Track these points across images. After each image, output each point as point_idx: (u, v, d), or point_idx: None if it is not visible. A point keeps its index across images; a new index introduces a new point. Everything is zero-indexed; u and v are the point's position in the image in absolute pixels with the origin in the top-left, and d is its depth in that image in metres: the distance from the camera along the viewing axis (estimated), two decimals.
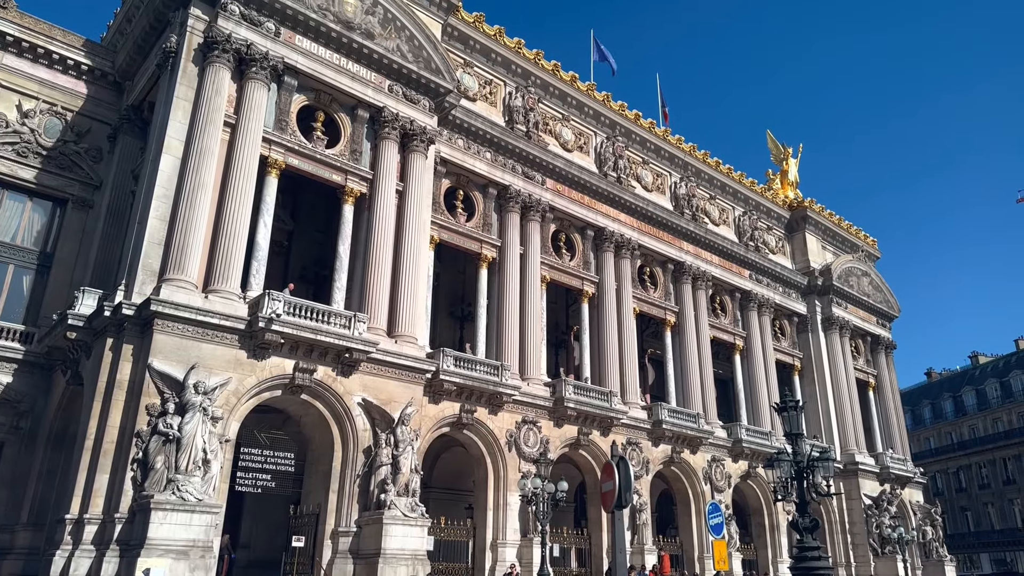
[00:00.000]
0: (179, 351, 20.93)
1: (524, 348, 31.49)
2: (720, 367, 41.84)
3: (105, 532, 19.29)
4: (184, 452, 19.57)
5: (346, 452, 24.18)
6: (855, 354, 48.17)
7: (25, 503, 23.93)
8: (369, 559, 22.52)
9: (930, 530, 45.16)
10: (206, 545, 19.40)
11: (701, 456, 36.50)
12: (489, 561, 27.94)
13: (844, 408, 44.77)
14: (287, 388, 23.31)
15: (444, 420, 28.19)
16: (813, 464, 17.42)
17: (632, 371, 35.57)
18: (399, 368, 25.51)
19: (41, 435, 24.74)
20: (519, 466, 29.23)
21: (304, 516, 24.22)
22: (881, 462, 44.82)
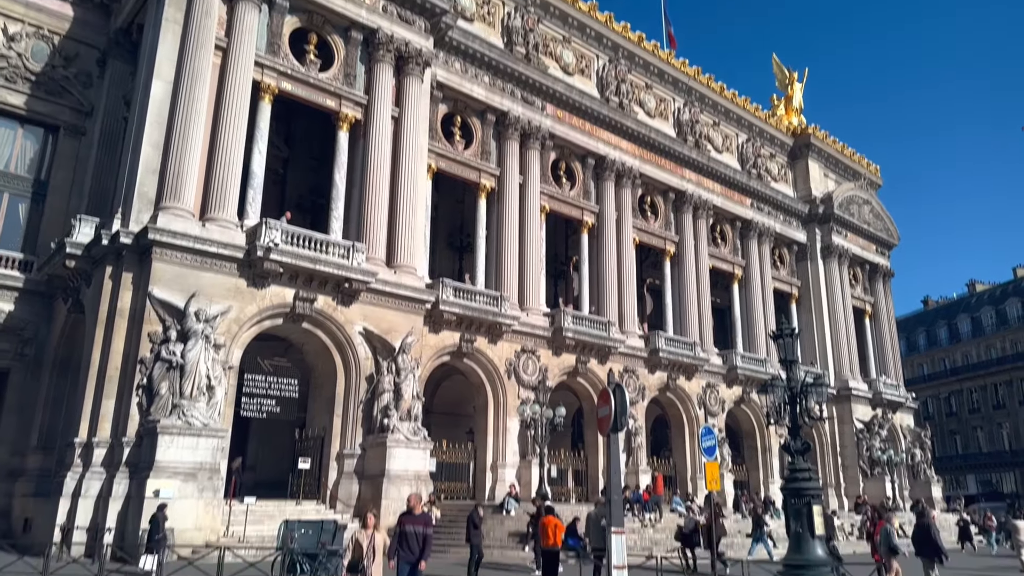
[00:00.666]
0: (179, 279, 21.02)
1: (523, 279, 31.59)
2: (718, 296, 42.09)
3: (114, 455, 19.82)
4: (188, 378, 19.94)
5: (348, 379, 24.61)
6: (853, 282, 48.43)
7: (34, 428, 24.50)
8: (374, 479, 23.23)
9: (919, 452, 46.42)
10: (213, 467, 19.97)
11: (696, 382, 37.16)
12: (489, 481, 28.82)
13: (840, 336, 45.31)
14: (288, 317, 23.53)
15: (444, 349, 28.56)
16: (807, 390, 17.69)
17: (630, 301, 35.80)
18: (399, 298, 25.66)
19: (46, 362, 25.11)
20: (518, 393, 29.78)
21: (309, 440, 24.87)
22: (874, 388, 45.68)
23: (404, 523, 10.10)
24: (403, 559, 9.81)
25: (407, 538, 9.90)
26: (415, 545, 9.86)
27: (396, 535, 10.03)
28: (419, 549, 9.84)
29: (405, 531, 9.95)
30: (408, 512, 10.26)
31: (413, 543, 9.86)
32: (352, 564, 9.96)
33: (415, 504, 10.38)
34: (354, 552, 9.99)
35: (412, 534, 9.90)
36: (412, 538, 9.88)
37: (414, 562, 9.80)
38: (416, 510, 10.25)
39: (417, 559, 9.79)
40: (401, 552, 9.84)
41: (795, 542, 16.74)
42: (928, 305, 78.11)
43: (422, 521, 10.12)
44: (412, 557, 9.82)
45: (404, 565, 9.79)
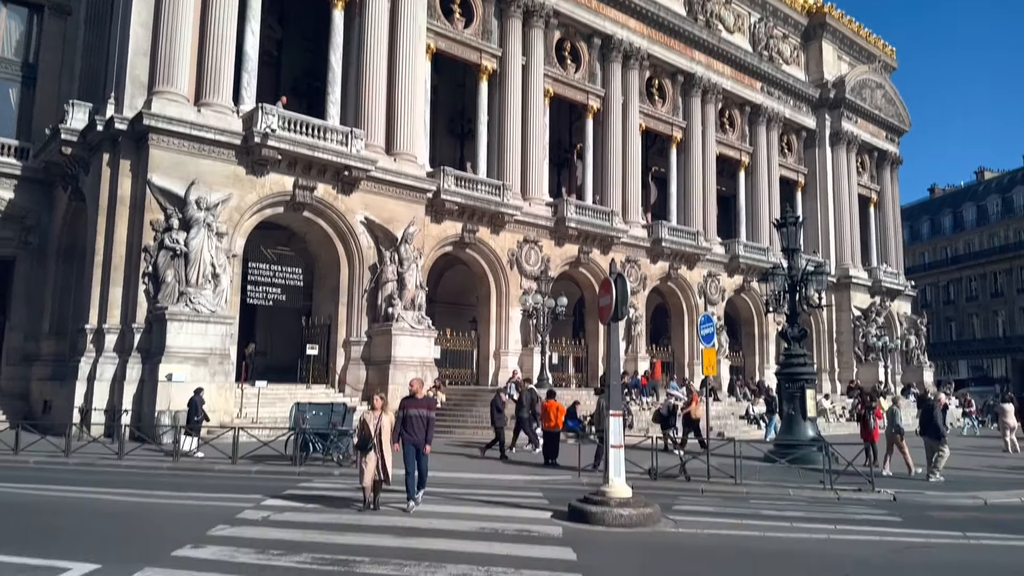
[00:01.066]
0: (177, 167, 20.76)
1: (526, 167, 31.11)
2: (723, 184, 41.57)
3: (125, 341, 20.28)
4: (193, 266, 20.09)
5: (352, 269, 24.78)
6: (860, 170, 47.74)
7: (45, 314, 24.94)
8: (380, 365, 23.86)
9: (913, 339, 47.31)
10: (223, 353, 20.46)
11: (698, 272, 37.38)
12: (492, 368, 29.60)
13: (843, 224, 45.14)
14: (288, 205, 23.39)
15: (446, 239, 28.54)
16: (807, 278, 17.87)
17: (635, 190, 35.42)
18: (399, 187, 25.39)
19: (50, 250, 25.22)
20: (520, 283, 30.02)
21: (316, 327, 25.36)
22: (874, 276, 45.99)
23: (407, 407, 10.36)
24: (407, 441, 10.14)
25: (410, 421, 10.19)
26: (418, 428, 10.16)
27: (400, 419, 10.29)
28: (422, 432, 10.14)
29: (408, 415, 10.23)
30: (411, 396, 10.51)
31: (416, 426, 10.16)
32: (361, 443, 10.31)
33: (417, 388, 10.65)
34: (362, 432, 10.33)
35: (415, 417, 10.19)
36: (415, 421, 10.17)
37: (418, 444, 10.13)
38: (418, 394, 10.52)
39: (421, 442, 10.11)
40: (405, 435, 10.14)
41: (787, 423, 17.43)
42: (935, 193, 77.22)
43: (424, 405, 10.39)
44: (415, 439, 10.15)
45: (409, 447, 10.12)
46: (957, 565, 7.74)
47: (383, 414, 10.30)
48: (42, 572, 6.48)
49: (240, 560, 7.09)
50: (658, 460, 13.97)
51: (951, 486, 13.35)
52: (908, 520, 10.19)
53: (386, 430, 10.20)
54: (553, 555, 7.55)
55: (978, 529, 9.66)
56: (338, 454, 15.49)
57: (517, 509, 10.34)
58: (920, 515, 10.72)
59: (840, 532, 9.23)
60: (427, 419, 10.27)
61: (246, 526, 8.83)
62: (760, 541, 8.70)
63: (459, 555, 7.41)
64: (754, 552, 8.14)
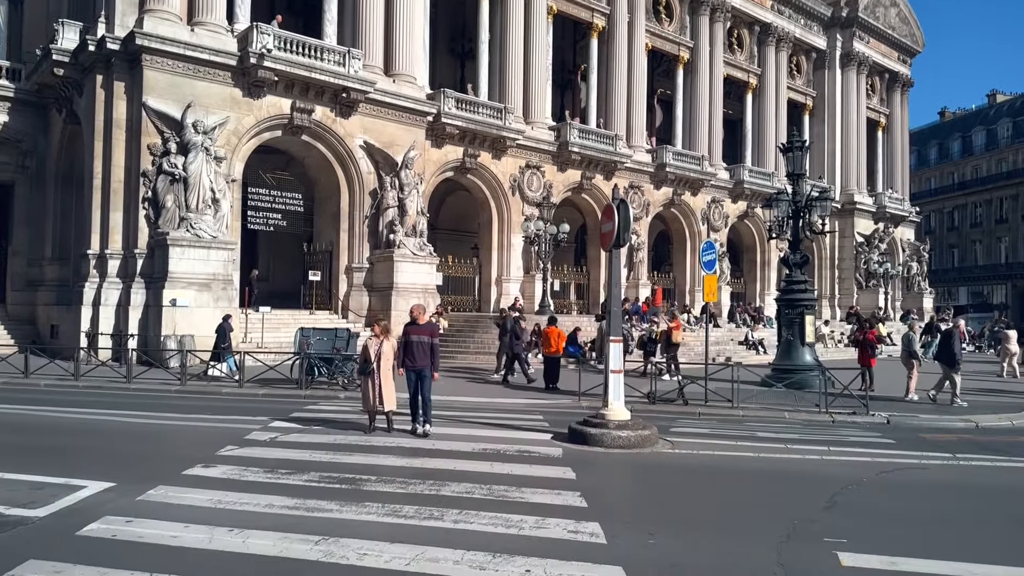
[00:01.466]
0: (172, 89, 20.34)
1: (528, 89, 30.42)
2: (730, 107, 40.73)
3: (128, 266, 20.34)
4: (192, 191, 19.95)
5: (352, 194, 24.59)
6: (870, 92, 46.67)
7: (47, 239, 24.94)
8: (383, 292, 23.99)
9: (915, 265, 47.32)
10: (226, 278, 20.55)
11: (701, 197, 37.08)
12: (494, 295, 29.75)
13: (850, 148, 44.48)
14: (287, 128, 23.02)
15: (448, 164, 28.19)
16: (811, 204, 17.72)
17: (640, 113, 34.73)
18: (399, 110, 24.91)
19: (49, 174, 25.00)
20: (522, 209, 29.83)
21: (318, 253, 25.37)
22: (878, 202, 45.63)
23: (409, 333, 10.32)
24: (409, 368, 10.18)
25: (412, 348, 10.19)
26: (420, 354, 10.15)
27: (402, 345, 10.30)
28: (426, 358, 10.16)
29: (410, 341, 10.21)
30: (412, 323, 10.44)
31: (418, 352, 10.14)
32: (361, 368, 10.43)
33: (418, 315, 10.56)
34: (363, 357, 10.43)
35: (417, 344, 10.17)
36: (417, 347, 10.16)
37: (419, 370, 10.16)
38: (420, 320, 10.45)
39: (423, 368, 10.14)
40: (407, 361, 10.17)
41: (785, 348, 17.62)
42: (944, 117, 75.64)
43: (427, 331, 10.35)
44: (416, 365, 10.18)
45: (410, 374, 10.16)
46: (946, 485, 7.97)
47: (384, 340, 10.38)
48: (58, 489, 6.69)
49: (249, 479, 7.31)
50: (656, 384, 14.21)
51: (943, 410, 13.60)
52: (900, 442, 10.43)
53: (386, 356, 10.29)
54: (553, 474, 7.77)
55: (968, 451, 9.91)
56: (343, 378, 15.73)
57: (518, 431, 10.58)
58: (912, 437, 10.97)
59: (833, 453, 9.46)
60: (431, 345, 10.29)
61: (254, 447, 9.06)
62: (755, 462, 8.93)
63: (462, 474, 7.63)
64: (748, 472, 8.37)
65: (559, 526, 5.83)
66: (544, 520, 5.97)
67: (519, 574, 4.78)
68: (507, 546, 5.31)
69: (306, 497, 6.60)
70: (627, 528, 5.89)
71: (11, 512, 6.00)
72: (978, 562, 5.19)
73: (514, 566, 4.91)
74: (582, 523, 5.92)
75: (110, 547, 5.25)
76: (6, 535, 5.47)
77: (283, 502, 6.42)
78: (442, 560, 5.02)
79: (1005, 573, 5.07)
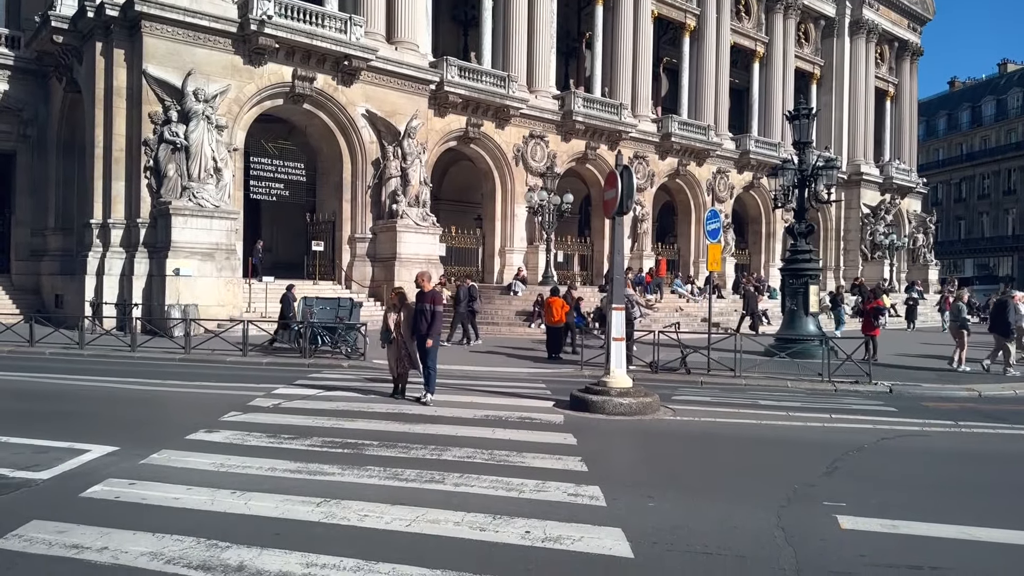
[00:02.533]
0: (173, 56, 20.14)
1: (532, 57, 30.05)
2: (736, 76, 40.23)
3: (131, 236, 20.32)
4: (194, 160, 19.84)
5: (355, 164, 24.44)
6: (879, 61, 46.01)
7: (49, 209, 24.91)
8: (386, 262, 23.96)
9: (921, 237, 47.04)
10: (229, 248, 20.53)
11: (707, 168, 36.79)
12: (498, 266, 29.70)
13: (858, 118, 43.98)
14: (288, 97, 22.82)
15: (451, 134, 27.96)
16: (817, 173, 17.56)
17: (645, 82, 34.33)
18: (401, 78, 24.66)
19: (50, 143, 24.89)
20: (526, 180, 29.64)
21: (321, 223, 25.30)
22: (885, 172, 45.23)
23: (417, 302, 10.48)
24: (416, 335, 10.31)
25: (416, 315, 10.32)
26: (423, 322, 10.23)
27: (413, 312, 10.43)
28: (426, 326, 10.21)
29: (416, 309, 10.34)
30: (419, 291, 10.56)
31: (421, 320, 10.25)
32: (384, 336, 10.71)
33: (423, 282, 10.62)
34: (384, 325, 10.73)
35: (420, 311, 10.28)
36: (420, 315, 10.27)
37: (423, 337, 10.23)
38: (425, 288, 10.51)
39: (426, 335, 10.20)
40: (417, 330, 10.32)
41: (789, 318, 17.58)
42: (954, 87, 74.66)
43: (429, 299, 10.42)
44: (421, 333, 10.27)
45: (416, 341, 10.31)
46: (947, 451, 7.97)
47: (403, 309, 10.54)
48: (62, 453, 6.73)
49: (252, 443, 7.35)
50: (659, 354, 14.21)
51: (946, 378, 13.59)
52: (903, 410, 10.43)
53: (402, 324, 10.47)
54: (554, 440, 7.79)
55: (970, 419, 9.90)
56: (346, 347, 15.77)
57: (521, 399, 10.61)
58: (915, 406, 10.97)
59: (835, 421, 9.47)
60: (433, 313, 10.32)
61: (258, 412, 9.10)
62: (756, 428, 8.95)
63: (464, 439, 7.66)
64: (749, 438, 8.39)
65: (559, 489, 5.85)
66: (544, 484, 6.00)
67: (519, 535, 4.80)
68: (507, 508, 5.33)
69: (308, 461, 6.64)
70: (627, 492, 5.91)
71: (15, 475, 6.05)
72: (978, 525, 5.20)
73: (514, 527, 4.93)
74: (582, 487, 5.94)
75: (113, 508, 5.29)
76: (10, 496, 5.52)
77: (285, 466, 6.45)
78: (442, 522, 5.04)
79: (1005, 536, 5.07)
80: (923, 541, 4.92)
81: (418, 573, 4.15)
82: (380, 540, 4.71)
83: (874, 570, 4.39)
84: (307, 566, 4.24)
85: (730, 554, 4.60)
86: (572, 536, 4.80)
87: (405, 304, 10.62)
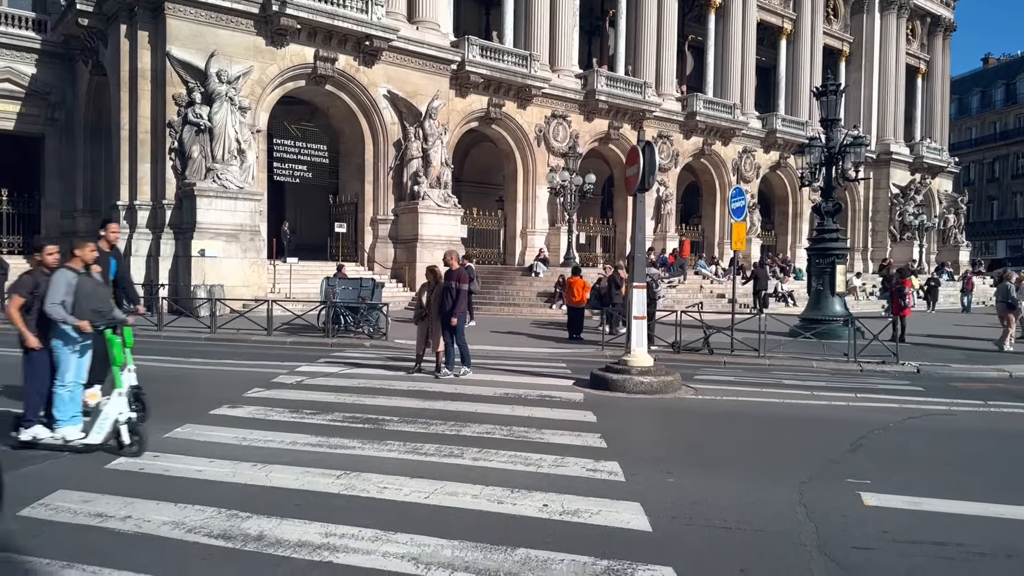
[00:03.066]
0: (196, 38, 20.23)
1: (555, 36, 29.74)
2: (763, 54, 39.51)
3: (157, 217, 20.56)
4: (218, 141, 19.97)
5: (376, 145, 24.46)
6: (910, 37, 44.90)
7: (78, 191, 25.28)
8: (408, 244, 24.01)
9: (952, 217, 46.08)
10: (253, 229, 20.69)
11: (732, 147, 36.28)
12: (519, 247, 29.64)
13: (888, 96, 43.03)
14: (310, 78, 22.84)
15: (472, 114, 27.84)
16: (844, 150, 17.22)
17: (669, 60, 33.85)
18: (422, 58, 24.55)
19: (77, 126, 25.21)
20: (548, 160, 29.46)
21: (343, 205, 25.40)
22: (916, 152, 44.29)
23: (444, 279, 10.65)
24: (442, 314, 10.47)
25: (444, 294, 10.49)
26: (448, 300, 10.40)
27: (441, 290, 10.58)
28: (450, 303, 10.34)
29: (445, 287, 10.51)
30: (447, 270, 10.74)
31: (446, 298, 10.42)
32: (417, 313, 10.91)
33: (452, 261, 10.86)
34: (417, 303, 11.07)
35: (447, 289, 10.45)
36: (447, 293, 10.44)
37: (449, 316, 10.39)
38: (453, 266, 10.72)
39: (451, 313, 10.32)
40: (442, 308, 10.47)
41: (815, 298, 17.34)
42: (988, 63, 72.65)
43: (455, 277, 10.54)
44: (446, 311, 10.42)
45: (442, 319, 10.47)
46: (974, 431, 7.83)
47: (435, 287, 10.67)
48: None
49: (274, 418, 7.42)
50: (681, 334, 14.09)
51: (975, 359, 13.34)
52: (930, 390, 10.26)
53: (432, 303, 10.60)
54: (573, 417, 7.78)
55: (1001, 399, 9.71)
56: (368, 327, 15.84)
57: (541, 378, 10.60)
58: (943, 386, 10.78)
59: (860, 400, 9.34)
60: (457, 290, 10.43)
61: (281, 389, 9.19)
62: (778, 407, 8.85)
63: (483, 416, 7.67)
64: (772, 416, 8.30)
65: (578, 465, 5.84)
66: (563, 459, 5.99)
67: (537, 508, 4.80)
68: (525, 482, 5.33)
69: (329, 435, 6.70)
70: (646, 467, 5.88)
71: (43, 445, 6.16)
72: (1004, 503, 5.10)
73: (532, 500, 4.93)
74: (601, 462, 5.92)
75: (137, 479, 5.37)
76: (37, 467, 5.63)
77: (307, 440, 6.51)
78: (461, 494, 5.06)
79: None
80: (948, 518, 4.84)
81: (436, 543, 4.17)
82: (399, 511, 4.74)
83: (897, 546, 4.33)
84: (327, 535, 4.28)
85: (750, 529, 4.56)
86: (590, 510, 4.78)
87: (438, 283, 10.76)
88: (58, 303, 5.98)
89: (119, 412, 5.98)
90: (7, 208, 24.66)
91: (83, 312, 6.09)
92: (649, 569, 3.89)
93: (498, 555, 4.03)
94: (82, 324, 6.04)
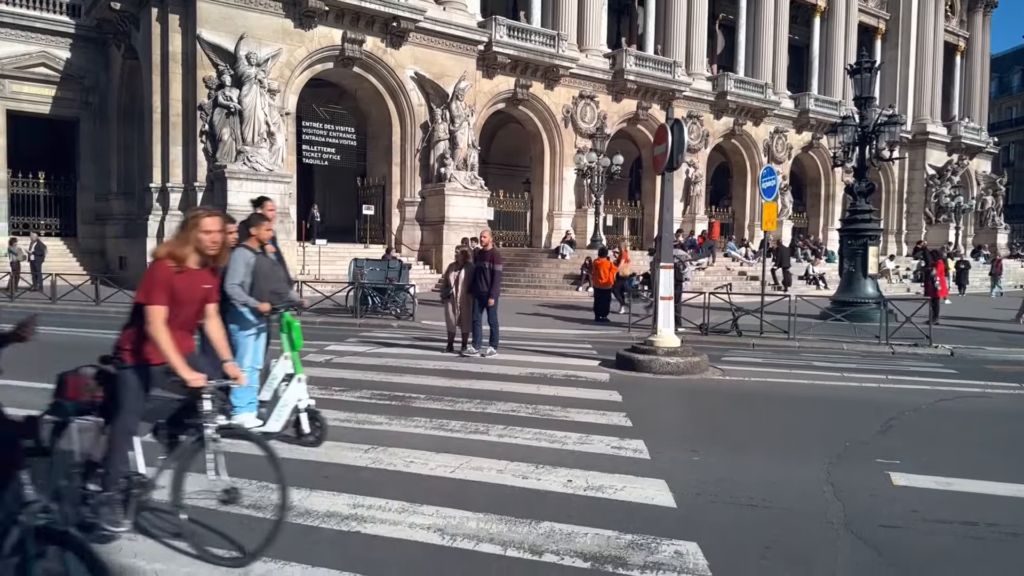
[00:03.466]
0: (225, 21, 20.40)
1: (582, 15, 29.43)
2: (796, 32, 38.70)
3: (189, 199, 20.86)
4: (248, 124, 20.17)
5: (403, 127, 24.50)
6: (948, 14, 43.63)
7: (112, 174, 25.71)
8: (434, 226, 24.09)
9: (990, 199, 44.95)
10: (283, 211, 20.84)
11: (764, 128, 35.70)
12: (546, 229, 29.56)
13: (925, 74, 41.94)
14: (338, 60, 22.92)
15: (499, 95, 27.72)
16: (879, 129, 16.85)
17: (700, 39, 33.33)
18: (449, 39, 24.47)
19: (111, 110, 25.59)
20: (575, 141, 29.27)
21: (371, 187, 25.53)
22: (953, 132, 43.17)
23: (476, 259, 10.71)
24: (473, 294, 10.54)
25: (475, 273, 10.56)
26: (482, 280, 10.47)
27: (473, 271, 10.65)
28: (485, 285, 10.41)
29: (478, 267, 10.57)
30: (479, 250, 10.80)
31: (480, 278, 10.49)
32: (444, 292, 11.03)
33: (486, 240, 10.94)
34: (444, 282, 11.09)
35: (480, 269, 10.52)
36: (480, 273, 10.49)
37: (479, 296, 10.47)
38: (487, 247, 10.79)
39: (485, 293, 10.41)
40: (473, 288, 10.54)
41: (847, 280, 17.08)
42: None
43: (488, 257, 10.60)
44: (478, 292, 10.49)
45: (475, 299, 10.53)
46: (1008, 413, 7.68)
47: (464, 267, 10.71)
48: None
49: None
50: (710, 316, 13.98)
51: (1011, 342, 13.06)
52: (963, 372, 10.08)
53: (463, 282, 10.63)
54: (599, 396, 7.78)
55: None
56: (396, 307, 15.97)
57: (567, 358, 10.61)
58: (977, 368, 10.57)
59: (892, 382, 9.20)
60: (492, 271, 10.47)
61: (310, 367, 9.26)
62: (808, 388, 8.76)
63: (508, 395, 7.71)
64: (800, 398, 8.22)
65: (603, 442, 5.85)
66: (588, 437, 6.00)
67: (561, 483, 4.83)
68: (550, 459, 5.36)
69: (357, 412, 6.79)
70: (672, 446, 5.87)
71: None
72: None
73: (556, 476, 4.96)
74: (626, 440, 5.93)
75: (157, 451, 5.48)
76: None
77: (335, 415, 6.59)
78: (486, 469, 5.10)
79: None
80: (979, 499, 4.77)
81: (461, 515, 4.22)
82: (425, 485, 4.80)
83: (926, 525, 4.28)
84: (354, 507, 4.35)
85: (776, 507, 4.54)
86: (614, 486, 4.80)
87: (467, 263, 10.79)
88: (237, 284, 5.65)
89: (298, 399, 5.63)
90: (44, 191, 25.21)
91: (262, 293, 5.78)
92: (673, 544, 3.90)
93: (522, 528, 4.07)
94: (262, 306, 5.74)
